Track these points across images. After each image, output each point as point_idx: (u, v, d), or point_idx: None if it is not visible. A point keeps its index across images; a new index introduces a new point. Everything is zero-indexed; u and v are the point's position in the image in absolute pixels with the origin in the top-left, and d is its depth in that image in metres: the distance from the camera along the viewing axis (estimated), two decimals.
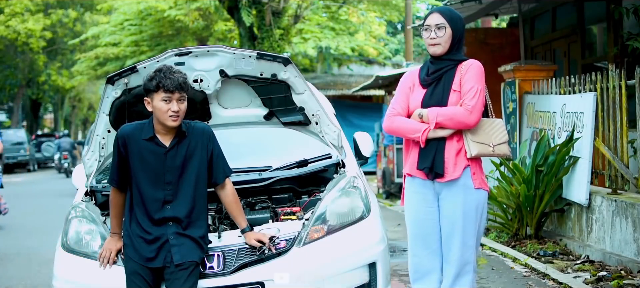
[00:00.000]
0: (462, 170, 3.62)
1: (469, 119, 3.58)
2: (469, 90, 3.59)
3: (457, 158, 3.63)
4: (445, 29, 3.64)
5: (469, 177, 3.63)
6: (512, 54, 11.36)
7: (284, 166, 4.68)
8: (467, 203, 3.63)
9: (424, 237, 3.74)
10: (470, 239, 3.66)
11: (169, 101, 3.66)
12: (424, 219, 3.74)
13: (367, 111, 21.27)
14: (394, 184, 14.32)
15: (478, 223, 3.67)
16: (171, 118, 3.69)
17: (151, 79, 3.69)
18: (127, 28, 23.47)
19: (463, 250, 3.65)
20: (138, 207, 3.79)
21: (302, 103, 4.60)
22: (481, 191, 3.66)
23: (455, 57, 3.68)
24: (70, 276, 3.98)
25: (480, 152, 3.62)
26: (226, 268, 3.82)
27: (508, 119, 8.97)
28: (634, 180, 6.47)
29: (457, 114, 3.59)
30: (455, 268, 3.66)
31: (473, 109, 3.57)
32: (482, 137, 3.64)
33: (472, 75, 3.61)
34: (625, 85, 6.58)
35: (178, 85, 3.66)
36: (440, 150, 3.64)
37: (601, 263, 6.39)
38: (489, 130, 3.67)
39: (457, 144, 3.64)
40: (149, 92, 3.71)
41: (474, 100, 3.58)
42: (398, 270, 6.41)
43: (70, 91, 38.78)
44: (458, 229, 3.64)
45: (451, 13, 3.70)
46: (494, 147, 3.65)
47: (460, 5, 9.12)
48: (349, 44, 21.89)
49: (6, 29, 26.84)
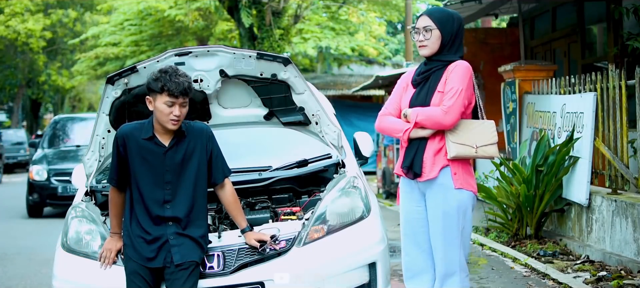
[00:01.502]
0: (439, 170, 3.62)
1: (444, 119, 3.57)
2: (448, 90, 3.58)
3: (436, 158, 3.63)
4: (432, 31, 3.64)
5: (449, 177, 3.61)
6: (512, 54, 11.36)
7: (284, 166, 4.68)
8: (447, 203, 3.62)
9: (414, 236, 3.77)
10: (455, 239, 3.63)
11: (172, 105, 3.67)
12: (412, 218, 3.78)
13: (367, 111, 21.26)
14: (394, 184, 14.31)
15: (461, 224, 3.64)
16: (172, 121, 3.69)
17: (156, 80, 3.67)
18: (127, 28, 23.46)
19: (446, 250, 3.64)
20: (138, 206, 3.79)
21: (302, 103, 4.60)
22: (463, 191, 3.62)
23: (445, 57, 3.66)
24: (70, 276, 3.98)
25: (460, 153, 3.59)
26: (226, 268, 3.82)
27: (508, 118, 8.98)
28: (634, 180, 6.47)
29: (433, 114, 3.59)
30: (441, 268, 3.67)
31: (449, 109, 3.56)
32: (464, 138, 3.61)
33: (454, 75, 3.59)
34: (625, 85, 6.57)
35: (183, 90, 3.66)
36: (421, 149, 3.66)
37: (601, 263, 6.39)
38: (474, 131, 3.63)
39: (438, 144, 3.64)
40: (152, 92, 3.69)
41: (451, 101, 3.56)
42: (398, 270, 6.40)
43: (70, 91, 38.77)
44: (439, 229, 3.65)
45: (441, 14, 3.68)
46: (477, 148, 3.61)
47: (460, 5, 9.13)
48: (349, 44, 21.89)
49: (6, 29, 26.83)
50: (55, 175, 11.93)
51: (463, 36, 3.73)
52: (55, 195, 11.97)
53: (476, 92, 3.68)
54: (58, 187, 11.91)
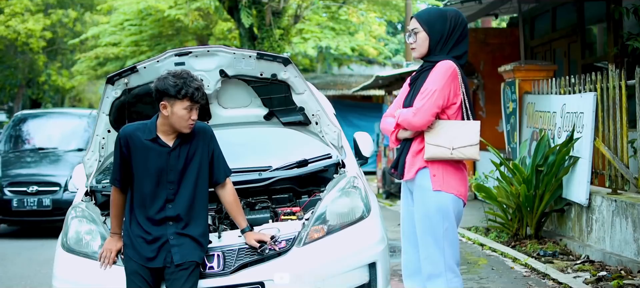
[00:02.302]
0: (415, 172, 3.63)
1: (413, 120, 3.57)
2: (422, 91, 3.58)
3: (414, 160, 3.64)
4: (418, 33, 3.65)
5: (427, 178, 3.60)
6: (512, 54, 11.36)
7: (284, 166, 4.69)
8: (426, 204, 3.61)
9: (409, 235, 3.80)
10: (437, 240, 3.60)
11: (191, 110, 3.69)
12: (407, 217, 3.82)
13: (367, 111, 21.28)
14: (394, 184, 14.32)
15: (443, 225, 3.59)
16: (190, 126, 3.73)
17: (175, 85, 3.65)
18: (127, 28, 23.45)
19: (428, 251, 3.63)
20: (138, 207, 3.80)
21: (302, 103, 4.60)
22: (441, 193, 3.58)
23: (435, 58, 3.64)
24: (70, 276, 3.99)
25: (435, 154, 3.57)
26: (226, 268, 3.82)
27: (508, 118, 8.98)
28: (634, 180, 6.47)
29: (406, 116, 3.60)
30: (425, 268, 3.67)
31: (417, 110, 3.55)
32: (440, 140, 3.58)
33: (433, 76, 3.57)
34: (625, 85, 6.57)
35: (203, 94, 3.73)
36: (405, 151, 3.70)
37: (601, 263, 6.39)
38: (452, 132, 3.58)
39: (419, 146, 3.64)
40: (170, 97, 3.67)
41: (422, 102, 3.55)
42: (398, 270, 6.39)
43: (70, 91, 38.75)
44: (420, 230, 3.66)
45: (428, 16, 3.67)
46: (452, 149, 3.57)
47: (460, 5, 9.12)
48: (349, 44, 21.87)
49: (6, 29, 26.81)
50: (10, 185, 9.62)
51: (463, 34, 3.67)
52: (9, 210, 9.54)
53: (463, 91, 3.62)
54: (12, 200, 9.50)
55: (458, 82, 3.60)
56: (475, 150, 3.61)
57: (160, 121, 3.77)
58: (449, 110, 3.61)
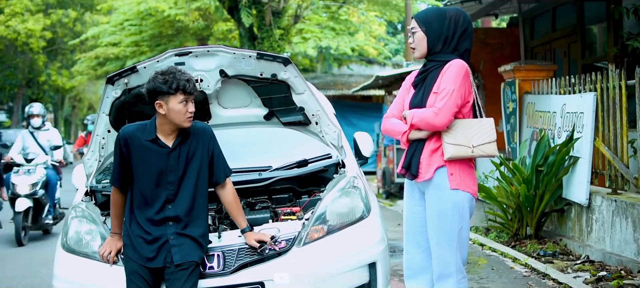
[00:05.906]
0: (434, 171, 3.61)
1: (435, 120, 3.55)
2: (440, 91, 3.57)
3: (431, 159, 3.62)
4: (416, 33, 3.66)
5: (445, 177, 3.60)
6: (512, 54, 11.36)
7: (284, 166, 4.68)
8: (442, 203, 3.60)
9: (414, 235, 3.78)
10: (450, 240, 3.61)
11: (186, 102, 3.70)
12: (412, 218, 3.79)
13: (367, 111, 21.29)
14: (394, 184, 14.32)
15: (458, 224, 3.61)
16: (188, 119, 3.74)
17: (166, 82, 3.67)
18: (127, 28, 23.46)
19: (441, 250, 3.63)
20: (138, 207, 3.80)
21: (302, 103, 4.60)
22: (459, 192, 3.59)
23: (441, 57, 3.64)
24: (70, 276, 3.98)
25: (456, 153, 3.57)
26: (226, 268, 3.82)
27: (508, 118, 8.98)
28: (634, 180, 6.47)
29: (425, 116, 3.58)
30: (436, 268, 3.66)
31: (439, 111, 3.54)
32: (460, 138, 3.58)
33: (447, 76, 3.57)
34: (625, 85, 6.57)
35: (194, 85, 3.74)
36: (418, 150, 3.67)
37: (601, 263, 6.39)
38: (470, 130, 3.60)
39: (434, 145, 3.63)
40: (163, 94, 3.68)
41: (443, 102, 3.54)
42: (398, 270, 6.41)
43: (70, 91, 38.80)
44: (434, 229, 3.64)
45: (426, 15, 3.68)
46: (473, 147, 3.58)
47: (460, 5, 9.13)
48: (349, 44, 21.89)
49: (6, 29, 26.83)
50: None
51: (466, 33, 3.68)
52: None
53: (474, 90, 3.65)
54: None
55: (470, 81, 3.62)
56: (494, 146, 3.65)
57: (159, 121, 3.77)
58: (464, 108, 3.63)
